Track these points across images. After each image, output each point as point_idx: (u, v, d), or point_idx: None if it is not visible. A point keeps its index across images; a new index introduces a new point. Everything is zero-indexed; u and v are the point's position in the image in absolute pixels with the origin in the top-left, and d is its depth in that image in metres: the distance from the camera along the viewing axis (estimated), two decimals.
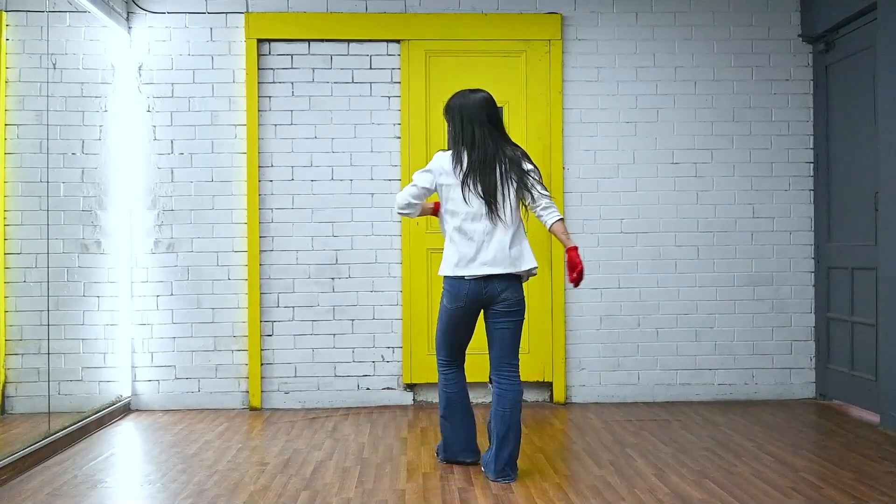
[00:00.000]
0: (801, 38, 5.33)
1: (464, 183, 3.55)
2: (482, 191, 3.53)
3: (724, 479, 3.56)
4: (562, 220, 3.60)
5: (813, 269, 5.33)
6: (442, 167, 3.61)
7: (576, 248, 3.54)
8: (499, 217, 3.53)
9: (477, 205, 3.53)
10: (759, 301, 5.33)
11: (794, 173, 5.36)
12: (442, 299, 3.68)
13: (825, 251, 5.24)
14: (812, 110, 5.34)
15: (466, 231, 3.55)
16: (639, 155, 5.32)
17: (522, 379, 5.15)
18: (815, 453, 4.01)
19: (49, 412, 4.20)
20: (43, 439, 4.02)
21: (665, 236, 5.32)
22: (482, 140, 3.58)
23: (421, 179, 3.64)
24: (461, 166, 3.56)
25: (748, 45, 5.35)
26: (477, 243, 3.53)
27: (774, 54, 5.36)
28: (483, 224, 3.53)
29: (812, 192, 5.34)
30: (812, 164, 5.35)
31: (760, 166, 5.35)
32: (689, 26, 5.35)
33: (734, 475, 3.62)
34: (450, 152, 3.64)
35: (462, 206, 3.55)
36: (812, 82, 5.34)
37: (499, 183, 3.54)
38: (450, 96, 3.74)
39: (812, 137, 5.34)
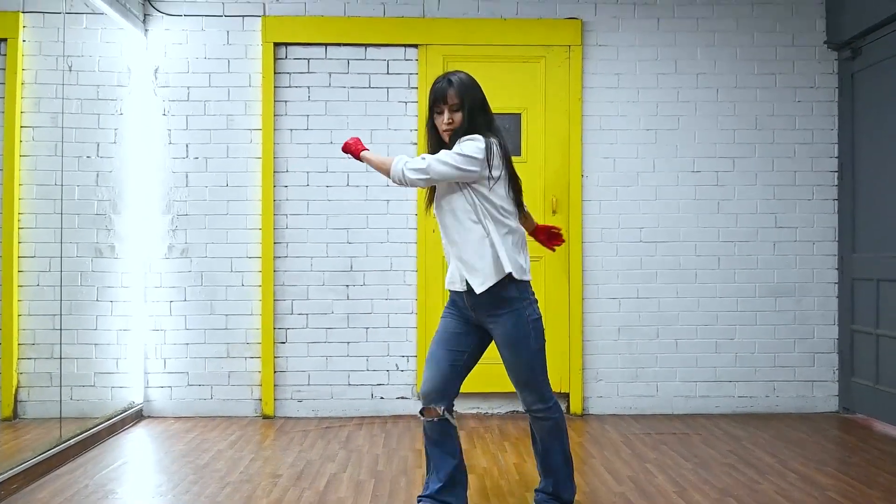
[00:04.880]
0: (826, 45, 5.23)
1: (512, 178, 3.00)
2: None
3: (748, 497, 3.47)
4: None
5: (836, 280, 5.23)
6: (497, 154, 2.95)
7: None
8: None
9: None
10: (780, 312, 5.23)
11: (818, 182, 5.26)
12: (533, 315, 3.00)
13: (849, 262, 5.13)
14: (837, 118, 5.24)
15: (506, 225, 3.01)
16: (659, 163, 5.24)
17: None
18: (840, 470, 3.91)
19: (61, 417, 4.16)
20: (55, 447, 3.98)
21: (685, 246, 5.23)
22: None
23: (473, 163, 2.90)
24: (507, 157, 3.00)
25: (772, 52, 5.26)
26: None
27: (799, 61, 5.27)
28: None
29: (836, 201, 5.24)
30: (836, 174, 5.24)
31: (783, 175, 5.25)
32: (712, 32, 5.26)
33: (758, 493, 3.52)
34: (492, 140, 2.95)
35: (512, 204, 3.02)
36: (837, 90, 5.24)
37: None
38: (465, 75, 3.03)
39: (836, 146, 5.24)
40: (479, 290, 2.92)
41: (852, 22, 4.99)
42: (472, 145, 2.87)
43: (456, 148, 2.89)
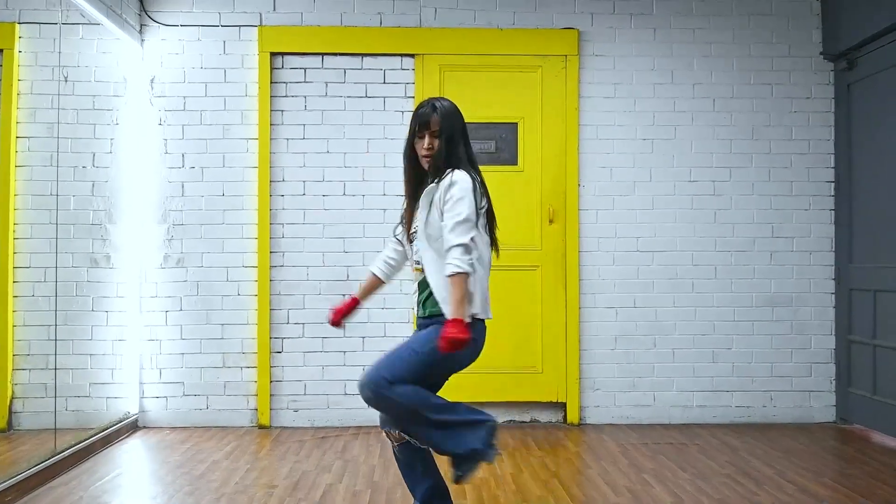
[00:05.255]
0: (822, 56, 5.24)
1: (488, 209, 3.00)
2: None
3: None
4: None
5: (833, 291, 5.22)
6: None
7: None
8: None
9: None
10: (777, 322, 5.22)
11: (815, 192, 5.26)
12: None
13: (846, 272, 5.13)
14: (833, 129, 5.25)
15: (486, 262, 2.98)
16: (656, 172, 5.24)
17: (535, 399, 5.13)
18: (838, 482, 3.89)
19: (55, 429, 4.13)
20: (49, 458, 3.95)
21: (682, 255, 5.23)
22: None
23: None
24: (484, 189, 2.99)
25: (768, 63, 5.27)
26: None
27: (795, 72, 5.28)
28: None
29: (833, 211, 5.24)
30: (833, 184, 5.25)
31: (780, 185, 5.26)
32: (709, 43, 5.27)
33: None
34: (474, 177, 2.96)
35: (482, 234, 2.94)
36: (833, 100, 5.25)
37: None
38: (448, 103, 3.02)
39: (833, 156, 5.25)
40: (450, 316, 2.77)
41: (848, 33, 5.00)
42: (464, 192, 2.84)
43: (453, 198, 2.83)
